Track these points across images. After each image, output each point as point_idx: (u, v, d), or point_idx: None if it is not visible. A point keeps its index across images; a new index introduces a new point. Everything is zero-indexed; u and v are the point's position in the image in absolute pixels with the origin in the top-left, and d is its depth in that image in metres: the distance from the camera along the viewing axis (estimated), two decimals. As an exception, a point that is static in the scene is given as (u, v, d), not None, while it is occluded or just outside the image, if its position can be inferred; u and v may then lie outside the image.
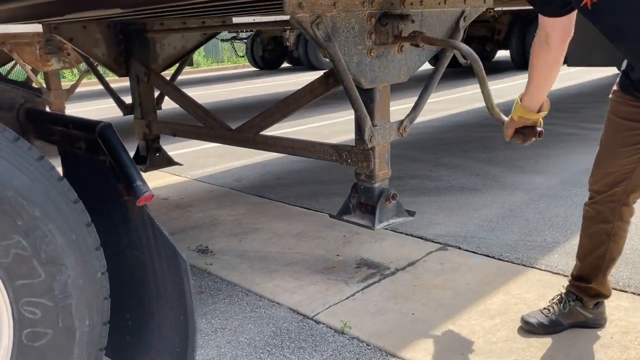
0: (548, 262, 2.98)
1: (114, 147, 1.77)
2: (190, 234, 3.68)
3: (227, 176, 5.07)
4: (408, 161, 5.27)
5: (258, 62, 16.90)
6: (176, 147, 6.11)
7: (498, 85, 10.70)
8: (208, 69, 18.87)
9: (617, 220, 2.17)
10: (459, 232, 3.48)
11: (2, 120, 2.17)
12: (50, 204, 1.46)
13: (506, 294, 2.68)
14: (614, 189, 2.12)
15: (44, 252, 1.45)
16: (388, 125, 2.74)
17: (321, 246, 3.36)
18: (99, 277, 1.60)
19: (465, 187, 4.37)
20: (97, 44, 4.00)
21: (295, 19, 2.24)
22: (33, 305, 1.46)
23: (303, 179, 4.81)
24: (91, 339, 1.59)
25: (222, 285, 2.93)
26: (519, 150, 5.39)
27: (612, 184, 2.11)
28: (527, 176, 4.57)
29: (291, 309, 2.64)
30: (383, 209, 2.76)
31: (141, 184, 1.71)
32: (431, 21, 2.81)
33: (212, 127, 3.59)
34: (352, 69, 2.49)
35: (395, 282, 2.86)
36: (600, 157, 2.16)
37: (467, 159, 5.24)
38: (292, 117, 7.71)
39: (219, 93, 12.22)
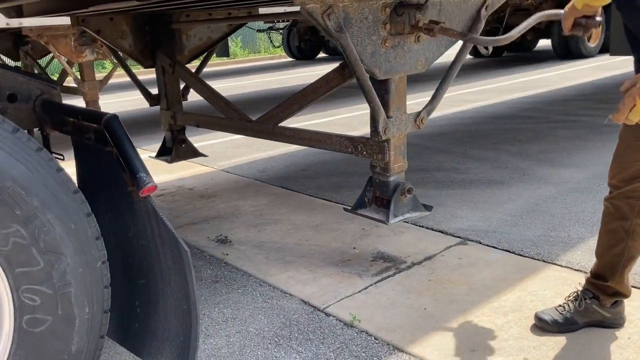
0: (569, 259, 2.90)
1: (119, 138, 1.79)
2: (212, 224, 3.72)
3: (253, 167, 5.10)
4: (436, 153, 5.20)
5: (294, 52, 16.93)
6: (205, 138, 6.21)
7: (540, 75, 10.43)
8: (245, 60, 19.00)
9: (636, 217, 2.09)
10: (480, 226, 3.41)
11: (20, 111, 2.24)
12: (49, 194, 1.49)
13: (522, 290, 2.62)
14: (631, 185, 2.04)
15: (43, 241, 1.48)
16: (404, 117, 2.71)
17: (338, 238, 3.35)
18: (99, 266, 1.63)
19: (492, 181, 4.28)
20: (124, 36, 4.06)
21: (305, 10, 2.22)
22: (33, 292, 1.50)
23: (327, 171, 4.80)
24: (91, 326, 1.63)
25: (238, 275, 2.95)
26: (552, 143, 5.26)
27: (629, 179, 2.03)
28: (557, 169, 4.45)
29: (303, 301, 2.64)
30: (398, 203, 2.73)
31: (144, 175, 1.73)
32: (450, 10, 2.75)
33: (233, 118, 3.61)
34: (365, 60, 2.47)
35: (410, 277, 2.83)
36: (617, 150, 2.08)
37: (497, 151, 5.13)
38: (324, 106, 7.73)
39: (253, 83, 12.31)
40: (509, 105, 7.51)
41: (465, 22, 2.83)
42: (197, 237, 3.50)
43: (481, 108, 7.43)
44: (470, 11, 2.84)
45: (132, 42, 4.11)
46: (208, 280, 2.91)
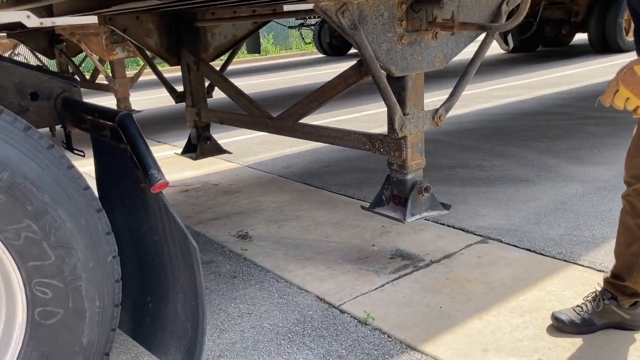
0: (592, 259, 2.84)
1: (132, 135, 1.83)
2: (234, 220, 3.76)
3: (277, 163, 5.13)
4: (461, 150, 5.14)
5: (325, 48, 16.92)
6: (232, 134, 6.27)
7: (575, 70, 10.19)
8: (276, 56, 19.08)
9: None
10: (503, 224, 3.37)
11: (41, 109, 2.30)
12: (59, 190, 1.53)
13: (541, 290, 2.57)
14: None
15: (54, 236, 1.53)
16: (421, 114, 2.69)
17: (358, 235, 3.35)
18: (110, 261, 1.67)
19: (518, 178, 4.21)
20: (150, 34, 4.13)
21: (319, 7, 2.22)
22: (44, 285, 1.54)
23: (350, 167, 4.79)
24: (102, 319, 1.67)
25: (256, 271, 2.98)
26: (582, 140, 5.15)
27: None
28: (585, 167, 4.35)
29: (318, 297, 2.65)
30: (415, 202, 2.71)
31: (156, 172, 1.76)
32: (470, 6, 2.72)
33: (255, 115, 3.64)
34: (381, 57, 2.45)
35: (427, 275, 2.82)
36: (630, 146, 2.03)
37: (525, 148, 5.05)
38: (349, 103, 7.74)
39: (284, 80, 12.36)
40: (540, 101, 7.37)
41: (485, 17, 2.79)
42: (218, 233, 3.55)
43: (511, 104, 7.31)
44: (490, 6, 2.80)
45: (158, 40, 4.18)
46: (226, 276, 2.95)
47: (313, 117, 3.21)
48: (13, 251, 1.49)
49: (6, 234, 1.46)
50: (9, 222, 1.45)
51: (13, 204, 1.45)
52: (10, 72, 2.14)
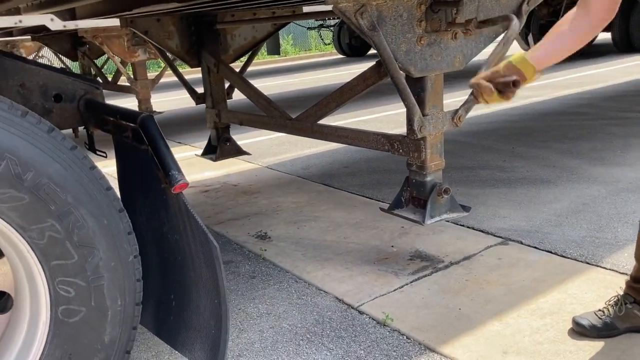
0: (615, 261, 2.80)
1: (153, 136, 1.85)
2: (253, 220, 3.78)
3: (296, 164, 5.15)
4: (482, 151, 5.10)
5: (345, 49, 16.93)
6: (252, 135, 6.31)
7: (597, 69, 10.06)
8: (296, 57, 19.13)
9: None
10: (523, 226, 3.34)
11: (65, 110, 2.34)
12: (82, 190, 1.56)
13: (562, 292, 2.55)
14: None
15: (77, 236, 1.55)
16: (441, 115, 2.68)
17: (377, 236, 3.34)
18: (131, 260, 1.69)
19: (539, 179, 4.17)
20: (171, 36, 4.18)
21: (338, 9, 2.24)
22: (67, 284, 1.57)
23: (369, 168, 4.79)
24: (123, 317, 1.69)
25: (274, 271, 2.99)
26: (604, 140, 5.08)
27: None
28: (608, 168, 4.29)
29: (337, 298, 2.66)
30: (435, 204, 2.71)
31: (176, 172, 1.78)
32: (490, 6, 2.71)
33: (274, 116, 3.66)
34: (400, 58, 2.46)
35: (446, 276, 2.80)
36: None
37: (546, 149, 4.99)
38: (371, 103, 7.73)
39: (303, 81, 12.39)
40: (562, 102, 7.29)
41: (505, 17, 2.77)
42: (237, 233, 3.57)
43: (532, 104, 7.24)
44: (510, 7, 2.78)
45: (179, 42, 4.23)
46: (245, 276, 2.97)
47: (333, 118, 3.22)
48: (37, 250, 1.52)
49: (30, 233, 1.49)
50: (33, 222, 1.48)
51: (37, 203, 1.48)
52: (34, 75, 2.19)
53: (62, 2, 2.97)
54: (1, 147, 1.42)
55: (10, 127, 1.45)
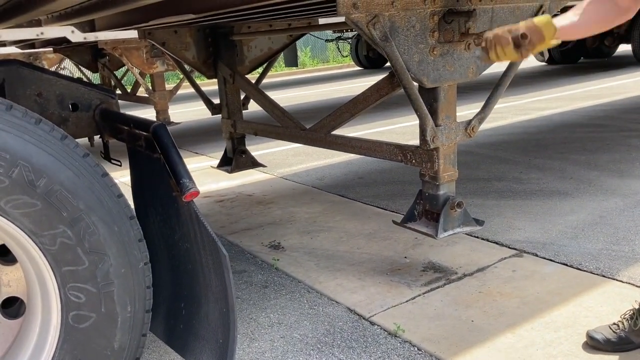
0: (632, 274, 2.75)
1: (165, 145, 1.87)
2: (267, 230, 3.79)
3: (311, 174, 5.16)
4: (499, 162, 5.07)
5: (362, 61, 16.96)
6: (268, 146, 6.34)
7: (617, 81, 9.95)
8: (313, 69, 19.22)
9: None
10: (538, 238, 3.30)
11: (81, 119, 2.38)
12: (94, 197, 1.58)
13: (577, 305, 2.51)
14: None
15: (88, 242, 1.57)
16: (454, 125, 2.67)
17: (390, 247, 3.33)
18: (141, 267, 1.71)
19: (555, 191, 4.13)
20: (188, 48, 4.23)
21: (350, 20, 2.25)
22: (78, 290, 1.59)
23: (384, 179, 4.78)
24: (133, 324, 1.70)
25: (287, 281, 2.99)
26: (623, 153, 5.02)
27: None
28: (627, 180, 4.24)
29: (349, 309, 2.65)
30: (448, 217, 2.69)
31: (187, 180, 1.79)
32: (504, 17, 2.70)
33: (289, 126, 3.68)
34: (412, 69, 2.46)
35: (459, 288, 2.78)
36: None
37: (563, 161, 4.94)
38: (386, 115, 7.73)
39: (321, 92, 12.44)
40: (580, 114, 7.22)
41: (519, 28, 2.76)
42: (251, 243, 3.58)
43: (550, 116, 7.18)
44: (525, 17, 2.77)
45: (196, 53, 4.28)
46: (258, 285, 2.97)
47: (349, 129, 3.23)
48: (49, 256, 1.54)
49: (42, 239, 1.51)
50: (45, 228, 1.51)
51: (49, 210, 1.51)
52: (51, 84, 2.23)
53: (81, 14, 3.02)
54: (15, 154, 1.45)
55: (24, 134, 1.48)
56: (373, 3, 2.26)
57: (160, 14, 2.80)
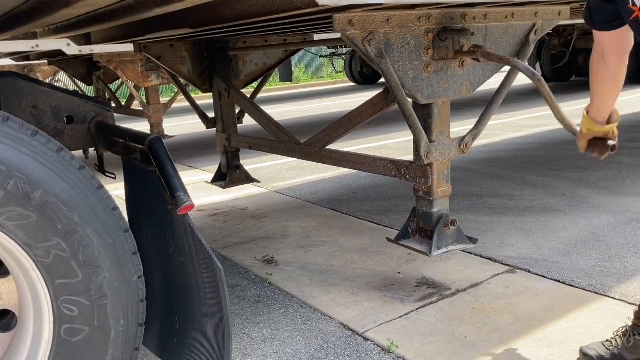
0: (624, 291, 2.76)
1: (161, 158, 1.87)
2: (260, 244, 3.79)
3: (305, 189, 5.16)
4: (491, 179, 5.09)
5: (356, 77, 17.07)
6: (262, 160, 6.35)
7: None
8: (307, 84, 19.31)
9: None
10: (531, 254, 3.31)
11: (76, 132, 2.38)
12: (89, 210, 1.58)
13: (570, 322, 2.51)
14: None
15: (82, 255, 1.57)
16: (448, 142, 2.69)
17: (384, 262, 3.33)
18: (135, 281, 1.70)
19: (548, 208, 4.15)
20: (183, 62, 4.24)
21: (346, 36, 2.27)
22: (71, 303, 1.58)
23: (378, 194, 4.79)
24: (126, 338, 1.69)
25: (280, 296, 2.99)
26: (614, 170, 5.06)
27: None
28: (618, 198, 4.27)
29: (342, 324, 2.64)
30: (442, 235, 2.70)
31: (182, 194, 1.79)
32: (497, 35, 2.73)
33: (283, 141, 3.69)
34: (407, 85, 2.48)
35: (453, 304, 2.78)
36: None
37: (556, 178, 4.98)
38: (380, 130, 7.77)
39: (315, 107, 12.48)
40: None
41: (513, 47, 2.80)
42: (244, 257, 3.57)
43: (543, 133, 7.23)
44: (518, 36, 2.81)
45: (191, 67, 4.29)
46: (251, 300, 2.96)
47: (343, 144, 3.25)
48: (42, 268, 1.53)
49: (36, 252, 1.51)
50: (39, 240, 1.50)
51: (44, 222, 1.50)
52: (47, 97, 2.23)
53: (77, 27, 3.03)
54: (10, 166, 1.45)
55: (19, 146, 1.48)
56: (369, 20, 2.28)
57: (157, 28, 2.82)
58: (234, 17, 2.34)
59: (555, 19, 2.92)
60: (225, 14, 2.33)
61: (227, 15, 2.34)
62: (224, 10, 2.34)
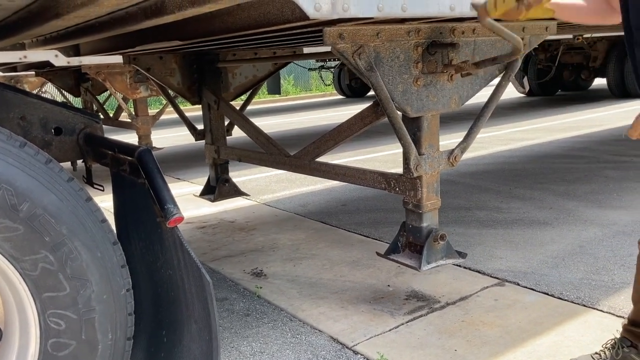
0: (612, 304, 2.78)
1: (150, 170, 1.86)
2: (249, 257, 3.77)
3: (294, 201, 5.15)
4: (479, 192, 5.12)
5: (345, 90, 17.15)
6: (251, 172, 6.33)
7: (594, 114, 10.18)
8: (296, 97, 19.36)
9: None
10: (520, 267, 3.32)
11: (64, 143, 2.36)
12: (77, 222, 1.56)
13: (559, 335, 2.52)
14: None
15: (70, 267, 1.55)
16: (437, 155, 2.70)
17: (373, 275, 3.32)
18: (124, 294, 1.68)
19: (536, 221, 4.18)
20: (173, 74, 4.24)
21: (336, 49, 2.28)
22: (58, 316, 1.56)
23: (367, 207, 4.80)
24: (114, 352, 1.67)
25: (269, 309, 2.97)
26: (601, 183, 5.11)
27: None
28: (605, 211, 4.30)
29: (332, 337, 2.63)
30: (431, 250, 2.71)
31: (172, 206, 1.78)
32: (485, 49, 2.76)
33: (273, 153, 3.69)
34: (396, 98, 2.49)
35: (442, 317, 2.78)
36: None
37: (543, 191, 5.01)
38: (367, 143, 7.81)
39: (303, 120, 12.51)
40: (558, 145, 7.35)
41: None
42: (233, 270, 3.55)
43: (530, 147, 7.29)
44: (506, 50, 2.84)
45: (181, 79, 4.29)
46: (240, 313, 2.94)
47: (332, 156, 3.25)
48: (29, 282, 1.51)
49: (23, 265, 1.49)
50: (26, 253, 1.48)
51: (32, 234, 1.48)
52: (35, 108, 2.21)
53: (66, 38, 3.02)
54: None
55: (7, 158, 1.46)
56: (359, 34, 2.30)
57: (147, 40, 2.82)
58: (225, 30, 2.35)
59: (542, 34, 2.96)
60: (216, 26, 2.34)
61: (218, 28, 2.35)
62: (215, 22, 2.35)
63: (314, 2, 1.77)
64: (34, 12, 2.19)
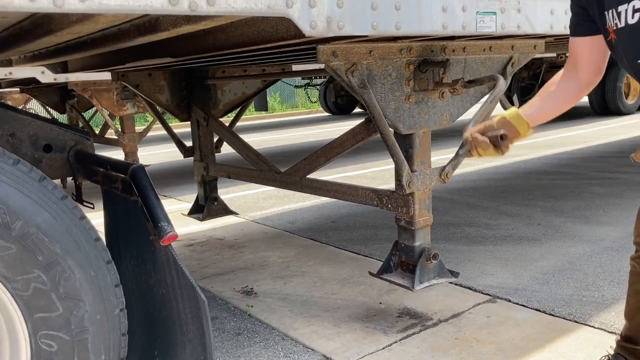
0: (603, 320, 2.79)
1: (143, 188, 1.84)
2: (239, 275, 3.73)
3: (283, 218, 5.13)
4: (468, 208, 5.14)
5: (331, 107, 17.21)
6: (239, 189, 6.31)
7: (577, 131, 10.31)
8: (283, 114, 19.40)
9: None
10: (510, 283, 3.33)
11: (54, 160, 2.33)
12: (70, 240, 1.54)
13: (552, 351, 2.52)
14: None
15: (63, 287, 1.52)
16: (429, 171, 2.71)
17: (365, 293, 3.31)
18: (117, 314, 1.65)
19: (524, 237, 4.20)
20: (162, 90, 4.23)
21: (329, 67, 2.29)
22: (50, 338, 1.52)
23: (357, 223, 4.79)
24: (106, 374, 1.64)
25: (261, 328, 2.93)
26: (587, 200, 5.15)
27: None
28: (592, 227, 4.34)
29: (324, 356, 2.60)
30: (424, 269, 2.71)
31: (166, 224, 1.76)
32: (475, 67, 2.79)
33: (263, 170, 3.68)
34: (389, 115, 2.50)
35: (435, 334, 2.76)
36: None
37: (531, 207, 5.05)
38: (357, 159, 7.80)
39: (290, 137, 12.52)
40: (544, 161, 7.42)
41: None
42: (222, 288, 3.51)
43: (516, 163, 7.35)
44: (495, 68, 2.87)
45: (169, 96, 4.28)
46: (231, 333, 2.90)
47: (320, 173, 3.24)
48: (21, 302, 1.48)
49: (15, 285, 1.46)
50: (19, 272, 1.45)
51: (24, 254, 1.45)
52: (25, 125, 2.19)
53: (55, 55, 3.00)
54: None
55: (0, 175, 1.44)
56: (352, 52, 2.31)
57: (138, 57, 2.81)
58: (217, 47, 2.35)
59: (531, 52, 3.00)
60: (209, 43, 2.34)
61: (211, 45, 2.35)
62: (208, 39, 2.35)
63: (310, 20, 1.78)
64: (26, 28, 2.17)
